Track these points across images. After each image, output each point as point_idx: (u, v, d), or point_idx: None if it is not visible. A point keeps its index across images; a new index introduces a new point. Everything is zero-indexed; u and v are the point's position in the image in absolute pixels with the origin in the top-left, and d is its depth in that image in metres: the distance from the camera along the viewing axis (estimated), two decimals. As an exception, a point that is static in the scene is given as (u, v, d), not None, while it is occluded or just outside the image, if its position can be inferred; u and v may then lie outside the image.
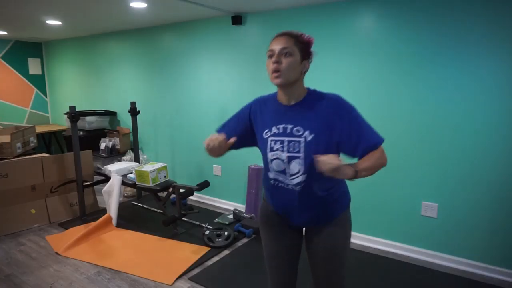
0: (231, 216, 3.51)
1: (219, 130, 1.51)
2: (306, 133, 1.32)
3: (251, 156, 3.54)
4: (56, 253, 2.83)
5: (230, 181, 3.78)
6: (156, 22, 3.89)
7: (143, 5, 3.01)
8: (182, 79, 3.98)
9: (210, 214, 3.64)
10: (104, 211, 3.60)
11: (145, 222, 3.42)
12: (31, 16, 3.48)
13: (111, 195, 3.35)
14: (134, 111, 3.94)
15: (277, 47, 1.31)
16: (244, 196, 3.65)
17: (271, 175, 1.42)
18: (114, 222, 3.30)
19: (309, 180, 1.34)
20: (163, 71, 4.14)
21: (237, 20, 3.33)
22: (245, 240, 3.05)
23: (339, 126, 1.31)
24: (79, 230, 3.22)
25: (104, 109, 4.85)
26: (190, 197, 4.07)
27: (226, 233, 3.03)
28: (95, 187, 3.78)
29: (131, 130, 4.28)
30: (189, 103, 3.96)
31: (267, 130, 1.40)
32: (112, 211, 3.32)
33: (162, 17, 3.59)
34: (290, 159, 1.34)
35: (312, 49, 1.39)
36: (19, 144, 3.89)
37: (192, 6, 3.05)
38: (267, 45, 1.36)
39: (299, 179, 1.35)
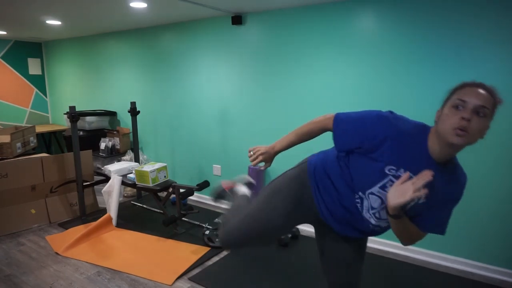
0: (231, 216, 3.51)
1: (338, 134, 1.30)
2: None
3: (251, 156, 3.54)
4: (56, 253, 2.83)
5: (230, 181, 3.78)
6: (156, 22, 3.89)
7: (143, 5, 3.01)
8: (182, 79, 3.98)
9: (210, 214, 3.64)
10: (104, 211, 3.60)
11: (145, 222, 3.42)
12: (31, 16, 3.48)
13: (111, 195, 3.35)
14: (134, 111, 3.94)
15: (474, 101, 1.05)
16: (244, 196, 3.65)
17: (360, 200, 1.29)
18: (114, 222, 3.30)
19: (386, 226, 1.32)
20: (163, 71, 4.14)
21: (237, 20, 3.33)
22: (245, 240, 3.05)
23: (440, 199, 1.18)
24: (79, 230, 3.22)
25: (104, 109, 4.85)
26: (190, 197, 4.07)
27: (226, 233, 3.03)
28: (95, 187, 3.78)
29: (131, 130, 4.28)
30: (189, 103, 3.96)
31: (393, 167, 1.17)
32: (112, 211, 3.32)
33: (162, 17, 3.59)
34: None
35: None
36: (19, 144, 3.89)
37: (192, 6, 3.05)
38: (267, 45, 1.32)
39: (381, 222, 1.30)
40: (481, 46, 2.35)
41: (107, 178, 3.58)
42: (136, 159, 4.10)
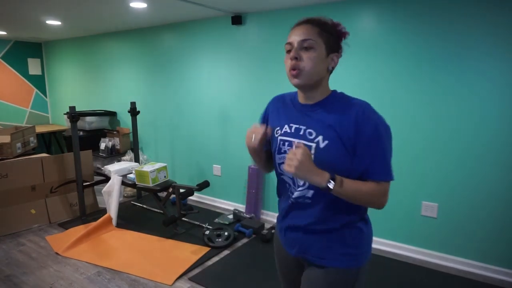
0: (231, 216, 3.51)
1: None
2: (319, 138, 1.08)
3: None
4: (56, 253, 2.83)
5: (230, 181, 3.78)
6: (156, 22, 3.89)
7: (143, 5, 3.01)
8: (182, 79, 3.98)
9: (210, 214, 3.64)
10: (104, 211, 3.60)
11: (145, 222, 3.42)
12: (31, 16, 3.48)
13: (111, 195, 3.35)
14: (134, 111, 3.94)
15: (296, 38, 1.06)
16: (244, 196, 3.65)
17: (280, 185, 1.24)
18: (114, 222, 3.30)
19: (319, 195, 1.11)
20: (163, 71, 4.14)
21: (237, 20, 3.33)
22: (245, 240, 3.05)
23: (357, 139, 1.06)
24: (79, 230, 3.21)
25: (104, 109, 4.85)
26: (190, 197, 4.07)
27: (226, 233, 3.03)
28: (95, 187, 3.78)
29: (131, 130, 4.28)
30: (189, 103, 3.96)
31: (278, 129, 1.20)
32: (112, 211, 3.32)
33: (162, 17, 3.59)
34: None
35: (344, 42, 1.16)
36: (19, 144, 3.89)
37: (192, 6, 3.05)
38: (267, 45, 1.32)
39: (307, 192, 1.13)
40: (483, 47, 2.35)
41: (107, 178, 3.58)
42: (136, 159, 4.10)
